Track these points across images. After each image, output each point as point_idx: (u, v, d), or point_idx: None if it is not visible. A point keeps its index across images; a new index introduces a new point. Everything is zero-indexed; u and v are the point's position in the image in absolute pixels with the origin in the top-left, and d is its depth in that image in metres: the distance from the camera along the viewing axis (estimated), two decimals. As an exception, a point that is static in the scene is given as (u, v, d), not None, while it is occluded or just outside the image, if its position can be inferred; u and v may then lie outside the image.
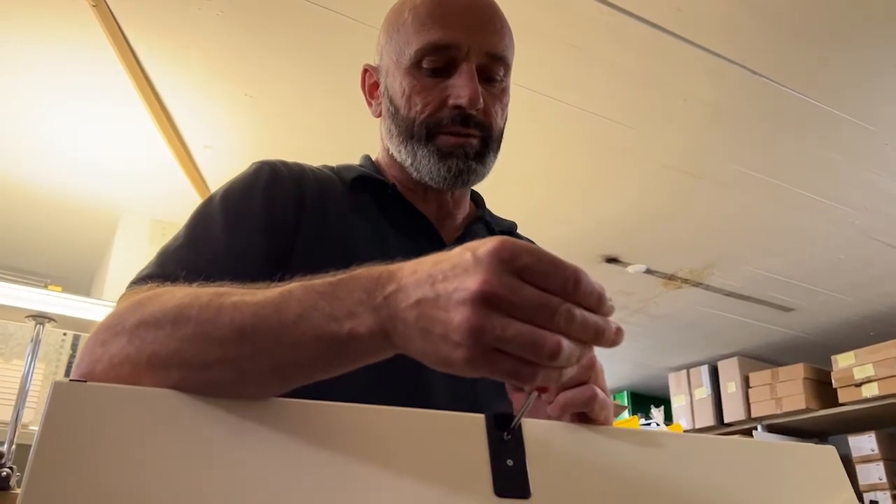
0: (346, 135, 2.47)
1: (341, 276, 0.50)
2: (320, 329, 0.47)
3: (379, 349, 0.48)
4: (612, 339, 0.45)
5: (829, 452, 0.62)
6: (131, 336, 0.53)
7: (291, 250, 0.76)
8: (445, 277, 0.45)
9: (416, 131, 0.82)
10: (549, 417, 0.59)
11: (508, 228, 0.99)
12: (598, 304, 0.44)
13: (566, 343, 0.43)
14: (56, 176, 2.83)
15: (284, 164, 0.84)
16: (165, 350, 0.50)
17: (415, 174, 0.85)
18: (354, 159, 0.98)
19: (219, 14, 1.98)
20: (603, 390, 0.61)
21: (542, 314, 0.43)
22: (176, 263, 0.68)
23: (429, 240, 0.86)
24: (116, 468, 0.43)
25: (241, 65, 2.20)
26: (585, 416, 0.59)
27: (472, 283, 0.43)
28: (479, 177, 0.85)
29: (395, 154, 0.87)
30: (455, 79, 0.81)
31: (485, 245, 0.44)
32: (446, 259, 0.46)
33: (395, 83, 0.84)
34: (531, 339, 0.42)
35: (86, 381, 0.47)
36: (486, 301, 0.42)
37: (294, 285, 0.51)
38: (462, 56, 0.81)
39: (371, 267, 0.50)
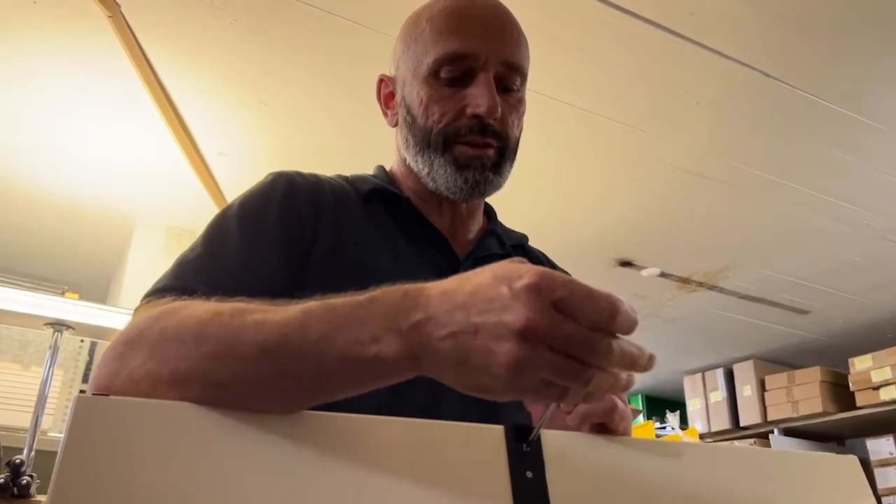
0: (359, 141, 2.48)
1: (363, 297, 0.50)
2: (345, 351, 0.48)
3: (404, 372, 0.48)
4: (644, 366, 0.46)
5: (850, 462, 0.61)
6: (151, 351, 0.53)
7: (308, 262, 0.76)
8: (483, 311, 0.45)
9: (434, 140, 0.82)
10: (568, 428, 0.59)
11: (519, 241, 0.98)
12: (630, 330, 0.46)
13: (599, 374, 0.44)
14: (72, 183, 2.86)
15: (300, 175, 0.84)
16: (186, 366, 0.50)
17: (431, 184, 0.85)
18: (369, 165, 0.98)
19: (232, 22, 2.00)
20: (622, 401, 0.60)
21: (583, 350, 0.44)
22: (193, 276, 0.68)
23: (442, 254, 0.86)
24: (140, 482, 0.43)
25: (255, 72, 2.21)
26: (605, 426, 0.59)
27: (513, 318, 0.43)
28: (496, 187, 0.85)
29: (412, 164, 0.86)
30: (473, 88, 0.81)
31: (521, 279, 0.45)
32: (480, 290, 0.46)
33: (413, 93, 0.84)
34: (571, 372, 0.44)
35: (108, 395, 0.47)
36: (529, 337, 0.43)
37: (315, 304, 0.51)
38: (479, 65, 0.81)
39: (390, 288, 0.50)
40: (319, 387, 0.49)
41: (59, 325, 2.27)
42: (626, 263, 3.43)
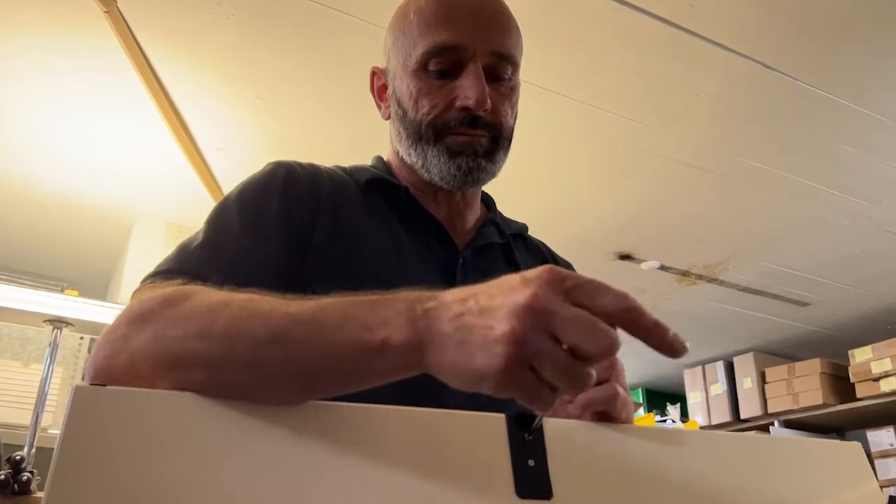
0: (356, 135, 2.47)
1: (386, 294, 0.50)
2: (353, 336, 0.47)
3: (409, 363, 0.47)
4: (675, 347, 0.45)
5: (854, 448, 0.61)
6: (156, 332, 0.52)
7: (307, 250, 0.76)
8: (492, 295, 0.45)
9: (424, 132, 0.82)
10: (569, 417, 0.59)
11: (519, 231, 0.98)
12: (650, 328, 0.44)
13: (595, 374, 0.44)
14: (70, 180, 2.85)
15: (299, 164, 0.84)
16: (192, 349, 0.50)
17: (425, 175, 0.84)
18: (365, 160, 0.97)
19: (230, 18, 1.99)
20: (624, 389, 0.60)
21: (588, 331, 0.42)
22: (195, 263, 0.68)
23: (440, 244, 0.86)
24: (138, 472, 0.43)
25: (252, 68, 2.20)
26: (607, 414, 0.58)
27: (519, 297, 0.43)
28: (490, 175, 0.85)
29: (405, 156, 0.86)
30: (462, 80, 0.80)
31: (534, 270, 0.45)
32: (494, 282, 0.47)
33: (403, 86, 0.84)
34: (568, 365, 0.43)
35: (106, 385, 0.47)
36: (532, 313, 0.43)
37: (331, 299, 0.51)
38: (468, 57, 0.80)
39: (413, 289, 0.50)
40: (323, 376, 0.49)
41: (58, 322, 2.27)
42: (625, 257, 3.43)
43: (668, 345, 0.44)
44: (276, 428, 0.47)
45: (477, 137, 0.81)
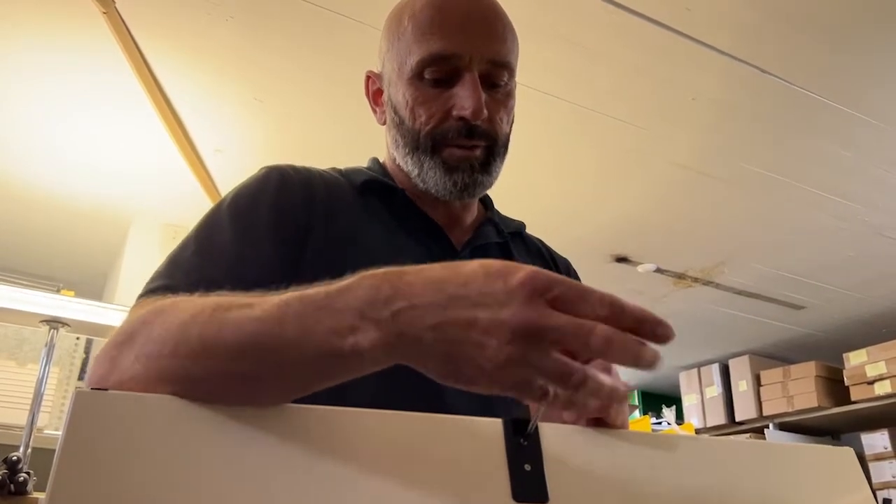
0: (355, 137, 2.47)
1: (338, 285, 0.49)
2: (322, 344, 0.47)
3: (383, 362, 0.47)
4: (649, 361, 0.44)
5: (846, 454, 0.62)
6: (138, 354, 0.53)
7: (302, 254, 0.75)
8: (476, 305, 0.44)
9: (423, 143, 0.81)
10: (565, 422, 0.59)
11: (517, 229, 0.98)
12: (639, 323, 0.44)
13: (593, 376, 0.44)
14: (68, 181, 2.85)
15: (293, 168, 0.84)
16: (170, 367, 0.50)
17: (421, 185, 0.84)
18: (365, 160, 0.98)
19: (228, 19, 1.99)
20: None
21: (579, 340, 0.43)
22: (185, 274, 0.68)
23: (439, 244, 0.86)
24: (139, 475, 0.43)
25: (251, 68, 2.21)
26: (602, 420, 0.59)
27: (508, 315, 0.43)
28: (486, 187, 0.85)
29: (402, 164, 0.86)
30: (458, 89, 0.79)
31: (515, 275, 0.44)
32: (472, 283, 0.45)
33: (398, 93, 0.83)
34: (561, 370, 0.43)
35: (107, 390, 0.47)
36: (526, 335, 0.43)
37: (292, 297, 0.50)
38: (464, 65, 0.79)
39: (366, 274, 0.48)
40: (301, 380, 0.49)
41: (54, 323, 2.27)
42: (622, 259, 3.44)
43: (655, 336, 0.45)
44: (272, 433, 0.47)
45: (473, 151, 0.81)
